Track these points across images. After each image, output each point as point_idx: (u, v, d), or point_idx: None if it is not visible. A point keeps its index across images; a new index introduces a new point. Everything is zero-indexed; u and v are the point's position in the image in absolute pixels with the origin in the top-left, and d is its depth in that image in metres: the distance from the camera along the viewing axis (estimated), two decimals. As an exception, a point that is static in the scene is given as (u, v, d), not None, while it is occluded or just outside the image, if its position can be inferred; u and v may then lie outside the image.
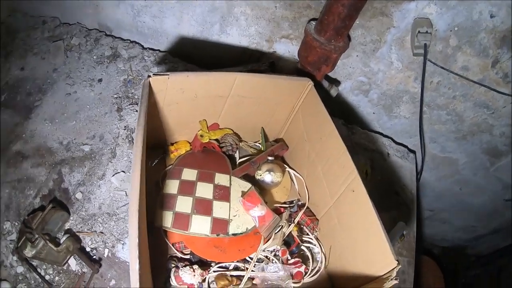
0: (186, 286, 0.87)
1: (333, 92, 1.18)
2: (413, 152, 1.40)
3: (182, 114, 0.98)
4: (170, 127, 1.02)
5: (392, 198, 1.26)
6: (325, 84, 1.17)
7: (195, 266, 0.88)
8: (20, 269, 0.94)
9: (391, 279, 0.73)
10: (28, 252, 0.86)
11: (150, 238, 0.93)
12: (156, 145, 1.07)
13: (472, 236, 1.83)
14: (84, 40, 1.40)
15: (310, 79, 0.98)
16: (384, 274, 0.76)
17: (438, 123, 1.29)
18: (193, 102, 0.94)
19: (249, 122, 1.10)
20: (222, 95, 0.95)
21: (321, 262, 0.98)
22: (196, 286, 0.87)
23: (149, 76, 0.80)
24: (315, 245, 1.01)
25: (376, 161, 1.31)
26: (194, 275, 0.86)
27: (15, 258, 0.95)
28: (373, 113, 1.35)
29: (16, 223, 1.00)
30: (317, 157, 1.00)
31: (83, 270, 0.94)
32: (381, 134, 1.39)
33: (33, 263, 0.94)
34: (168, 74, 0.83)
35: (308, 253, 0.99)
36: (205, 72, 0.90)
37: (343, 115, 1.37)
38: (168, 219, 0.89)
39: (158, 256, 0.92)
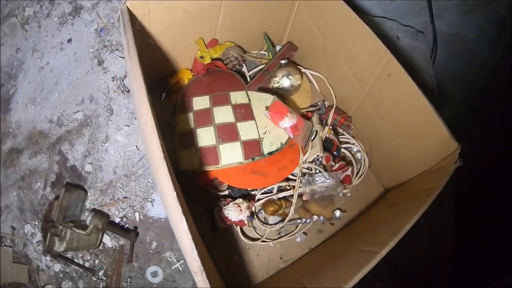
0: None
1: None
2: (421, 32, 1.19)
3: (175, 39, 0.76)
4: (164, 58, 0.79)
5: (412, 83, 1.08)
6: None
7: (239, 200, 0.71)
8: (58, 267, 0.79)
9: (455, 162, 0.59)
10: (59, 247, 0.72)
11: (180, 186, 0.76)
12: (153, 84, 0.85)
13: (485, 114, 1.69)
14: (38, 6, 1.12)
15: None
16: (444, 159, 0.63)
17: (443, -3, 1.09)
18: (184, 21, 0.71)
19: (249, 31, 0.88)
20: (215, 3, 0.72)
21: (364, 160, 0.84)
22: (246, 221, 0.71)
23: (125, 2, 0.57)
24: (353, 144, 0.85)
25: (387, 47, 1.10)
26: (241, 210, 0.69)
27: (48, 258, 0.80)
28: (373, -4, 1.12)
29: (36, 222, 0.83)
30: (336, 50, 0.80)
31: (120, 243, 0.79)
32: (386, 18, 1.17)
33: (67, 255, 0.79)
34: None
35: (349, 154, 0.83)
36: (190, -22, 0.66)
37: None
38: (194, 159, 0.71)
39: (194, 203, 0.74)
